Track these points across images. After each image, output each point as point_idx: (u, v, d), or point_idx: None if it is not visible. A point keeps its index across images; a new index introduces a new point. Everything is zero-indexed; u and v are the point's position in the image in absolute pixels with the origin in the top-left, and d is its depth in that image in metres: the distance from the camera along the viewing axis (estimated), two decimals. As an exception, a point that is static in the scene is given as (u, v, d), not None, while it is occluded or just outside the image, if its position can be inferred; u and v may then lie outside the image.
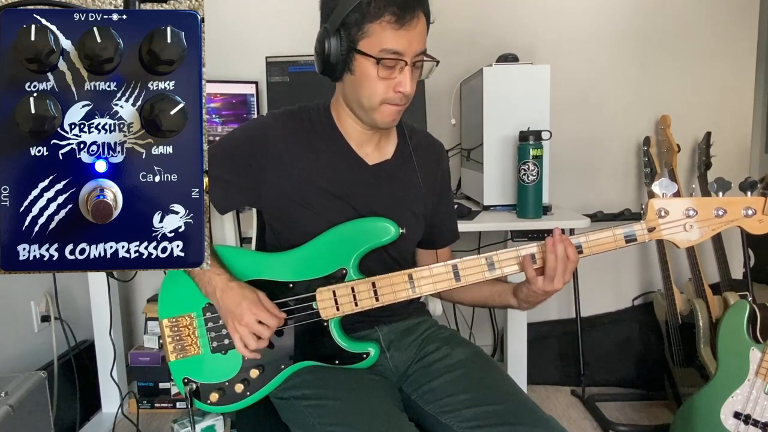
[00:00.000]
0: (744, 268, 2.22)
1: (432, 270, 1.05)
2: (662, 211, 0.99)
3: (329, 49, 1.00)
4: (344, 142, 1.14)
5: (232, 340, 1.07)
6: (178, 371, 1.10)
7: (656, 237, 1.00)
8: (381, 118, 1.06)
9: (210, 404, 1.10)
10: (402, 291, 1.05)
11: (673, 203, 0.99)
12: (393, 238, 1.08)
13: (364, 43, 0.99)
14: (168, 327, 1.11)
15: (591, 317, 2.43)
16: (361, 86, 1.02)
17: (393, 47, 0.98)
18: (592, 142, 2.42)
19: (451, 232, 1.31)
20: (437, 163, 1.26)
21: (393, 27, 0.97)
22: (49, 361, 1.96)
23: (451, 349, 1.15)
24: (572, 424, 2.10)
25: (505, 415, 0.99)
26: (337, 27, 0.99)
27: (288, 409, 1.08)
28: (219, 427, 1.98)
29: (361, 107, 1.06)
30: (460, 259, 1.05)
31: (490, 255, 1.05)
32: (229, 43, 2.38)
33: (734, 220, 0.98)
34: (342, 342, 1.08)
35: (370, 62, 0.99)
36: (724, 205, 0.98)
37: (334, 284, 1.07)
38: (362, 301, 1.06)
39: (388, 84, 1.01)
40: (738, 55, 2.38)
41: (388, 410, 1.01)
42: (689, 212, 0.99)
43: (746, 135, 2.43)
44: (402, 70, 1.01)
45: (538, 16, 2.37)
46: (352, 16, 0.97)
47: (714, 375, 1.59)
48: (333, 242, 1.08)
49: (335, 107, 1.15)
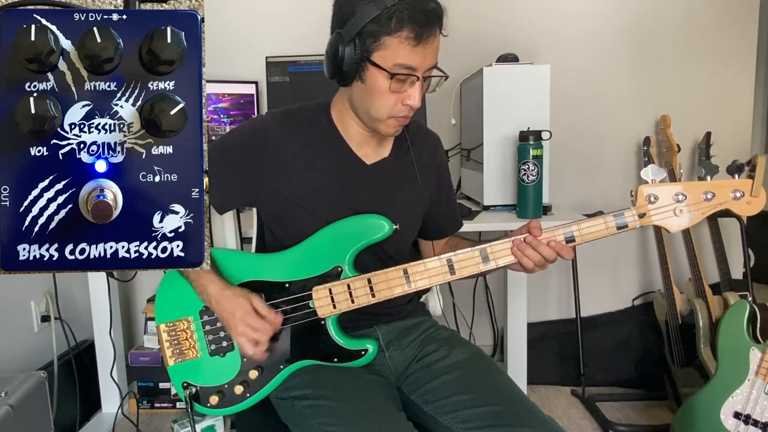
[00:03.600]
0: (744, 268, 2.21)
1: (426, 264, 1.06)
2: (652, 197, 1.00)
3: (342, 55, 1.00)
4: (343, 142, 1.14)
5: (231, 343, 1.08)
6: (177, 376, 1.10)
7: (647, 223, 1.01)
8: (385, 129, 1.08)
9: (210, 407, 1.10)
10: (397, 286, 1.06)
11: (663, 189, 1.00)
12: (387, 235, 1.08)
13: (378, 55, 0.99)
14: (165, 332, 1.11)
15: (591, 317, 2.43)
16: (371, 97, 1.03)
17: (408, 63, 0.98)
18: (592, 142, 2.42)
19: (455, 220, 1.33)
20: (433, 155, 1.27)
21: (411, 43, 0.97)
22: (49, 361, 1.96)
23: (451, 350, 1.15)
24: (572, 424, 2.10)
25: (504, 417, 0.99)
26: (353, 36, 0.98)
27: (287, 409, 1.08)
28: (219, 427, 1.98)
29: (367, 116, 1.07)
30: (453, 253, 1.05)
31: (484, 247, 1.05)
32: (229, 43, 2.38)
33: (723, 203, 0.98)
34: (340, 339, 1.08)
35: (383, 75, 0.99)
36: (712, 188, 0.99)
37: (330, 282, 1.07)
38: (358, 298, 1.06)
39: (398, 97, 1.02)
40: (738, 55, 2.38)
41: (386, 410, 1.01)
42: (678, 197, 0.99)
43: (746, 135, 2.43)
44: (413, 84, 1.02)
45: (538, 16, 2.37)
46: (371, 26, 0.97)
47: (714, 375, 1.59)
48: (327, 240, 1.09)
49: (336, 108, 1.15)
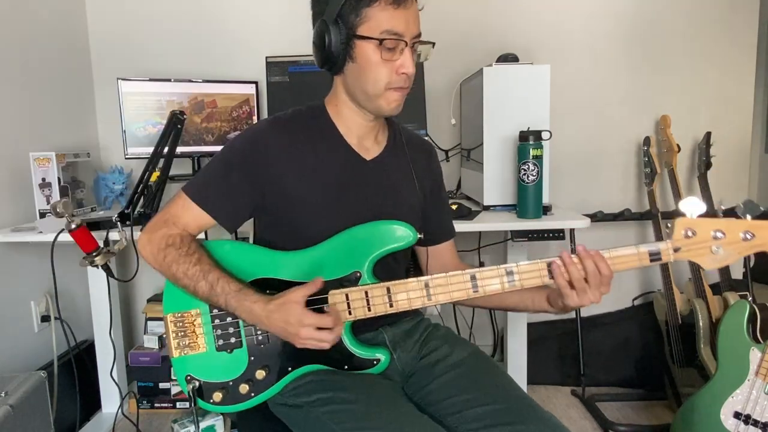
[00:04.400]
0: (744, 268, 2.21)
1: (449, 279, 1.02)
2: (689, 231, 0.96)
3: (329, 39, 1.02)
4: (341, 139, 1.14)
5: (239, 339, 1.06)
6: (180, 368, 1.08)
7: (681, 258, 0.97)
8: (386, 104, 1.07)
9: (213, 404, 1.08)
10: (417, 299, 1.03)
11: (701, 224, 0.96)
12: (410, 243, 1.07)
13: (363, 28, 1.01)
14: (172, 322, 1.09)
15: (591, 317, 2.43)
16: (365, 72, 1.04)
17: (393, 28, 1.00)
18: (592, 142, 2.42)
19: (448, 229, 1.32)
20: (428, 160, 1.27)
21: (391, 7, 1.00)
22: (49, 361, 1.96)
23: (452, 349, 1.15)
24: (572, 424, 2.10)
25: (506, 414, 0.99)
26: (335, 18, 1.01)
27: (301, 417, 1.05)
28: (219, 427, 1.98)
29: (365, 95, 1.07)
30: (478, 269, 1.02)
31: (510, 266, 1.00)
32: (229, 43, 2.38)
33: (762, 244, 0.94)
34: (353, 347, 1.07)
35: (372, 45, 1.01)
36: (752, 228, 0.94)
37: (348, 287, 1.05)
38: (376, 306, 1.04)
39: (391, 67, 1.03)
40: (738, 55, 2.38)
41: (408, 410, 1.00)
42: (717, 234, 0.95)
43: (746, 135, 2.43)
44: (402, 52, 1.03)
45: (538, 16, 2.37)
46: (349, 4, 1.00)
47: (714, 375, 1.59)
48: (348, 244, 1.07)
49: (332, 103, 1.15)
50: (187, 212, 1.09)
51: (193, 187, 1.10)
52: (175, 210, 1.09)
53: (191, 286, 1.04)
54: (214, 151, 2.23)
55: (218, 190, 1.09)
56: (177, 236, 1.07)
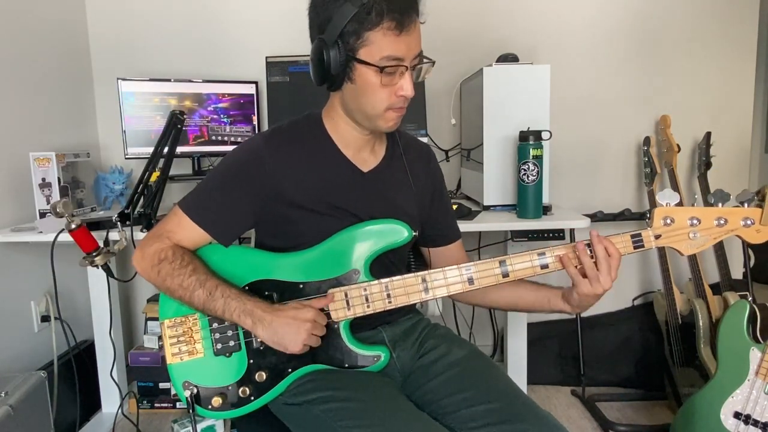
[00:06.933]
0: (744, 268, 2.21)
1: (445, 273, 1.05)
2: (668, 219, 1.03)
3: (328, 60, 1.00)
4: (338, 151, 1.13)
5: (238, 342, 1.06)
6: (178, 374, 1.08)
7: (662, 244, 1.05)
8: (384, 123, 1.07)
9: (212, 410, 1.06)
10: (415, 294, 1.05)
11: (678, 212, 1.03)
12: (406, 240, 1.07)
13: (364, 52, 0.98)
14: (169, 328, 1.08)
15: (591, 317, 2.43)
16: (364, 95, 1.03)
17: (394, 54, 0.98)
18: (592, 142, 2.42)
19: (454, 230, 1.31)
20: (426, 164, 1.26)
21: (393, 33, 0.97)
22: (49, 361, 1.96)
23: (450, 348, 1.15)
24: (572, 424, 2.10)
25: (503, 413, 0.99)
26: (335, 38, 0.98)
27: (300, 416, 1.05)
28: (219, 427, 1.98)
29: (364, 115, 1.06)
30: (473, 263, 1.05)
31: (504, 258, 1.04)
32: (229, 43, 2.38)
33: (734, 229, 1.02)
34: (352, 345, 1.07)
35: (372, 71, 0.99)
36: (725, 214, 1.02)
37: (347, 285, 1.05)
38: (375, 303, 1.05)
39: (391, 90, 1.02)
40: (738, 55, 2.38)
41: (407, 408, 0.99)
42: (693, 221, 1.03)
43: (746, 135, 2.43)
44: (402, 75, 1.01)
45: (538, 16, 2.37)
46: (351, 25, 0.97)
47: (714, 375, 1.59)
48: (345, 244, 1.07)
49: (329, 116, 1.14)
50: (183, 229, 1.08)
51: (189, 203, 1.09)
52: (171, 226, 1.09)
53: (186, 296, 1.03)
54: (214, 151, 2.24)
55: (215, 205, 1.08)
56: (169, 249, 1.06)
